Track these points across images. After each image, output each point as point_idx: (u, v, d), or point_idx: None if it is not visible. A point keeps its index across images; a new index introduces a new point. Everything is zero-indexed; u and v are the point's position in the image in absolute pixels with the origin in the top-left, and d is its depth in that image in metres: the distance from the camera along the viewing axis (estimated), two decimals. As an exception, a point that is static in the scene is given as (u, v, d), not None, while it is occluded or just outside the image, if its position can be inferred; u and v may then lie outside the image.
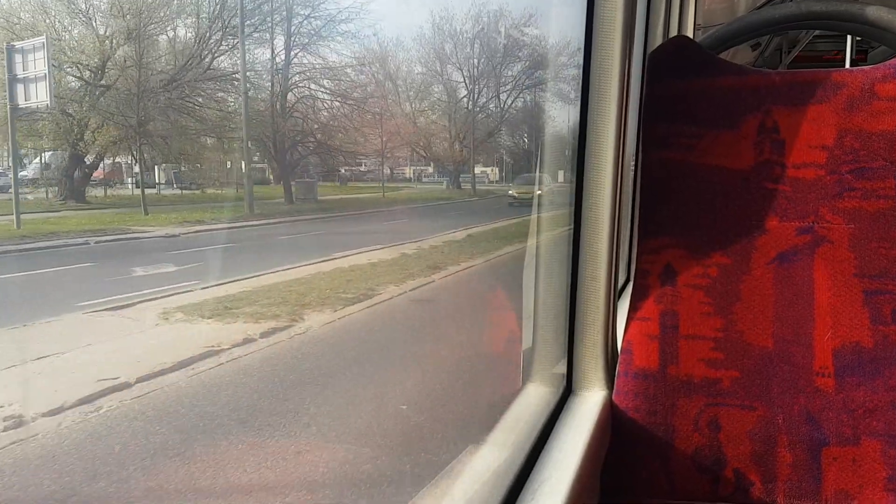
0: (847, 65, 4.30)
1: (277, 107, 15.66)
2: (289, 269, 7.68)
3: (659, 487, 1.12)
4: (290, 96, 16.46)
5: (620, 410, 1.12)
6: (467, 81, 27.59)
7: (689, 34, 2.83)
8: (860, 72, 1.05)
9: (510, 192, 20.01)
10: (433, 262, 8.77)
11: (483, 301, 7.70)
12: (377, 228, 12.96)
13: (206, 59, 11.87)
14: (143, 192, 10.85)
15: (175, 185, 13.69)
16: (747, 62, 5.99)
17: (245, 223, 11.32)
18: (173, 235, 9.18)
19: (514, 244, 10.58)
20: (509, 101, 29.61)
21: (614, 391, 1.14)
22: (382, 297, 6.81)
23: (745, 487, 1.08)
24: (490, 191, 27.61)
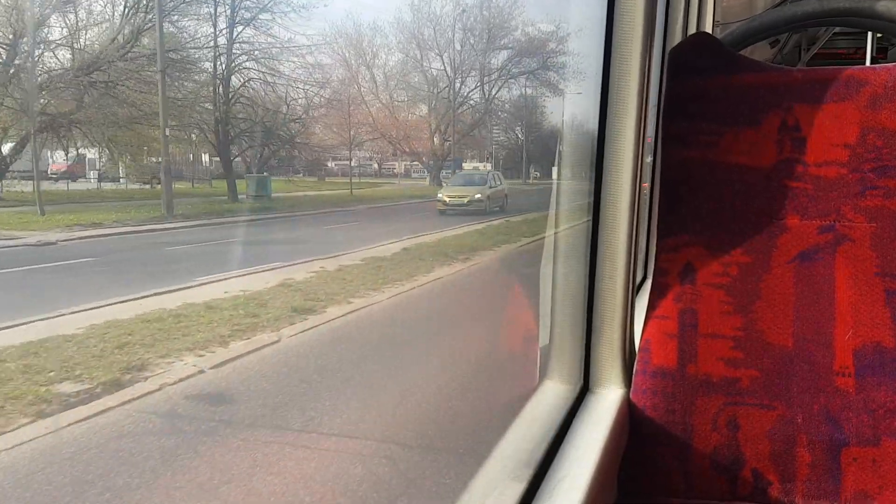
0: (867, 62, 4.26)
1: (220, 91, 13.78)
2: (101, 306, 5.26)
3: (676, 486, 1.11)
4: (234, 80, 14.70)
5: (638, 409, 1.12)
6: (448, 69, 26.11)
7: (708, 31, 2.81)
8: (883, 69, 1.04)
9: (440, 195, 16.99)
10: (310, 298, 6.36)
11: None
12: (305, 236, 11.39)
13: (128, 34, 10.38)
14: (36, 187, 9.60)
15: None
16: (766, 59, 5.94)
17: (153, 226, 9.89)
18: (47, 243, 7.95)
19: (453, 264, 9.09)
20: (493, 92, 28.17)
21: (632, 389, 1.14)
22: (146, 389, 3.83)
23: (763, 487, 1.07)
24: None
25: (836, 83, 1.05)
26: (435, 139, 25.03)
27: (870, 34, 4.32)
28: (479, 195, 16.72)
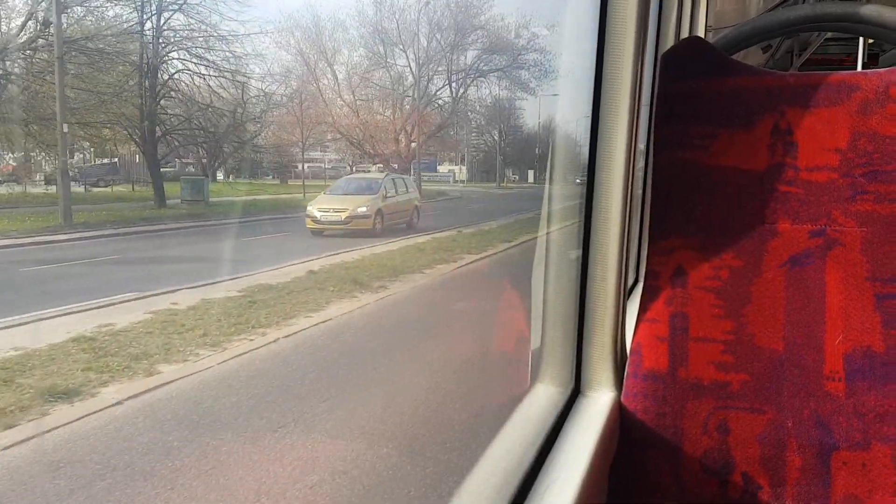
0: (859, 67, 4.29)
1: (146, 84, 12.04)
2: None
3: (667, 490, 1.11)
4: (171, 72, 12.91)
5: (629, 412, 1.12)
6: (413, 66, 24.21)
7: (701, 35, 2.83)
8: (874, 74, 1.05)
9: (309, 208, 11.91)
10: (95, 368, 4.20)
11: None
12: (210, 251, 9.68)
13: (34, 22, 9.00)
14: None
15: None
16: (758, 64, 5.97)
17: (42, 238, 8.39)
18: None
19: (360, 294, 6.95)
20: (462, 90, 26.06)
21: (623, 393, 1.14)
22: None
23: (753, 491, 1.07)
24: (443, 192, 24.74)
25: (828, 88, 1.06)
26: (401, 140, 23.63)
27: (861, 40, 4.35)
28: (363, 209, 12.11)
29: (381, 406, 4.15)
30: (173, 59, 12.82)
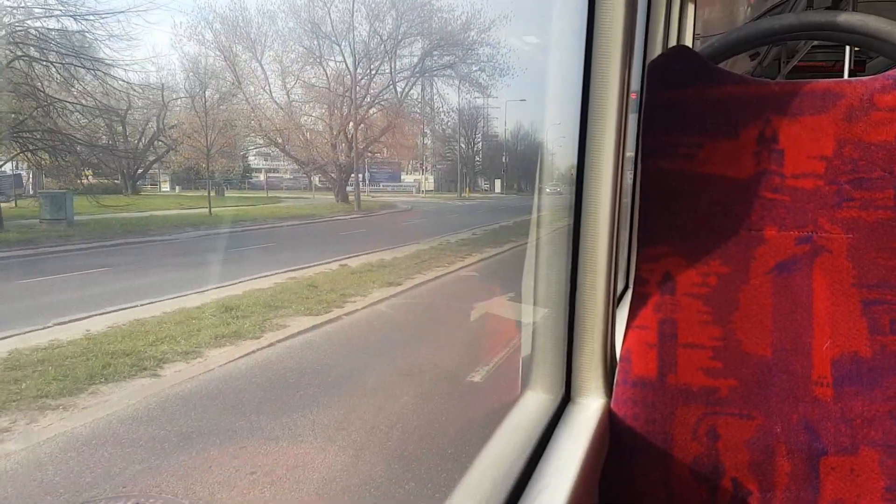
0: (846, 75, 4.32)
1: None
2: None
3: (657, 496, 1.12)
4: None
5: (619, 418, 1.13)
6: (349, 62, 21.12)
7: (689, 44, 2.85)
8: (859, 82, 1.06)
9: None
10: None
11: None
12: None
13: None
14: None
15: None
16: (746, 72, 6.01)
17: None
18: None
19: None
20: (407, 89, 23.04)
21: (613, 399, 1.15)
22: None
23: (743, 497, 1.08)
24: (391, 204, 22.58)
25: (814, 96, 1.07)
26: (342, 147, 20.78)
27: (848, 47, 4.39)
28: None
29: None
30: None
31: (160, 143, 16.47)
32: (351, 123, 20.62)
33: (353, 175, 20.75)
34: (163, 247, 11.29)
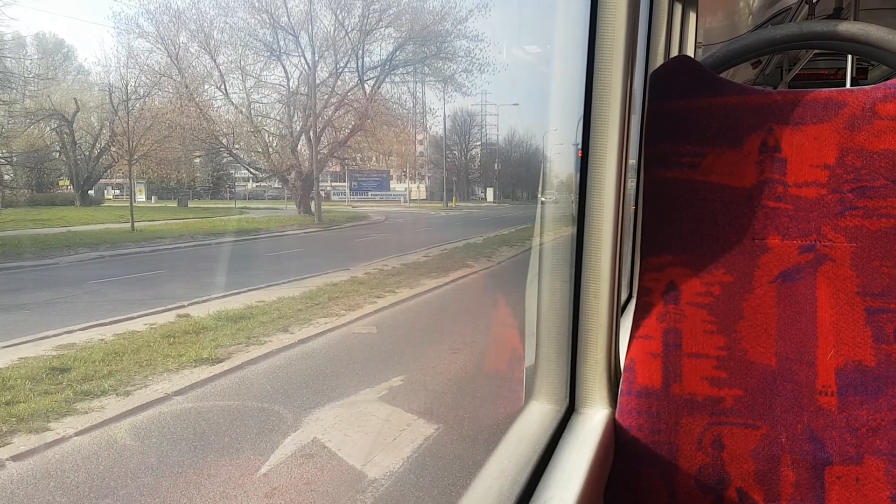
0: (848, 83, 4.32)
1: None
2: None
3: None
4: None
5: (623, 429, 1.12)
6: (307, 56, 18.63)
7: (690, 52, 2.85)
8: (861, 91, 1.06)
9: None
10: None
11: None
12: None
13: None
14: None
15: None
16: (748, 80, 6.02)
17: None
18: None
19: None
20: (377, 87, 19.94)
21: (617, 409, 1.14)
22: None
23: None
24: (363, 216, 20.40)
25: (816, 105, 1.07)
26: (305, 151, 18.38)
27: (850, 56, 4.39)
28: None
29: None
30: None
31: (111, 150, 15.23)
32: (311, 127, 18.41)
33: (317, 183, 18.79)
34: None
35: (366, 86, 19.81)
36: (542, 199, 1.42)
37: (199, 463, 4.21)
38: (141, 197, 18.88)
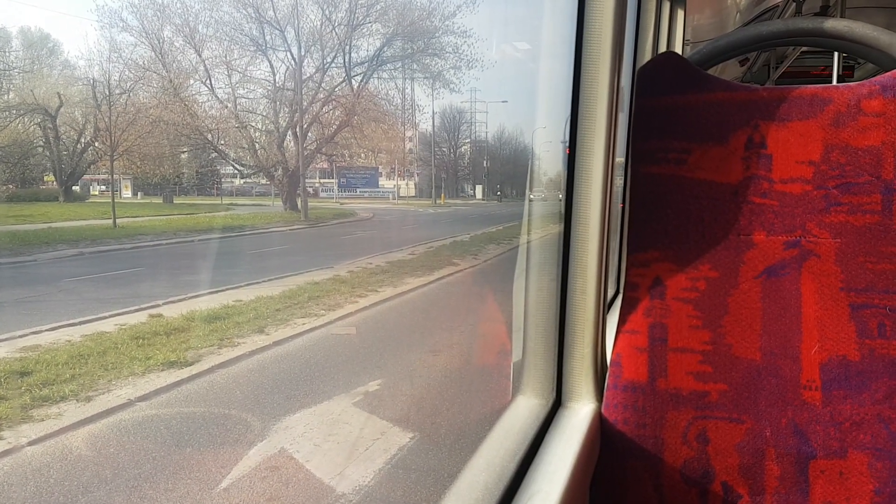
0: (834, 81, 4.35)
1: None
2: None
3: (648, 500, 1.12)
4: None
5: (609, 423, 1.13)
6: (293, 51, 18.43)
7: (678, 49, 2.86)
8: (846, 88, 1.07)
9: None
10: None
11: None
12: None
13: None
14: None
15: None
16: (735, 77, 6.04)
17: None
18: None
19: None
20: (364, 82, 19.62)
21: (603, 404, 1.15)
22: None
23: (733, 500, 1.08)
24: (350, 213, 20.15)
25: (802, 102, 1.07)
26: (291, 147, 18.16)
27: (836, 53, 4.42)
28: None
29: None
30: None
31: (96, 144, 14.87)
32: (297, 122, 18.16)
33: (303, 179, 18.63)
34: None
35: (353, 82, 19.65)
36: (531, 196, 1.43)
37: (157, 476, 3.95)
38: (127, 193, 18.70)
